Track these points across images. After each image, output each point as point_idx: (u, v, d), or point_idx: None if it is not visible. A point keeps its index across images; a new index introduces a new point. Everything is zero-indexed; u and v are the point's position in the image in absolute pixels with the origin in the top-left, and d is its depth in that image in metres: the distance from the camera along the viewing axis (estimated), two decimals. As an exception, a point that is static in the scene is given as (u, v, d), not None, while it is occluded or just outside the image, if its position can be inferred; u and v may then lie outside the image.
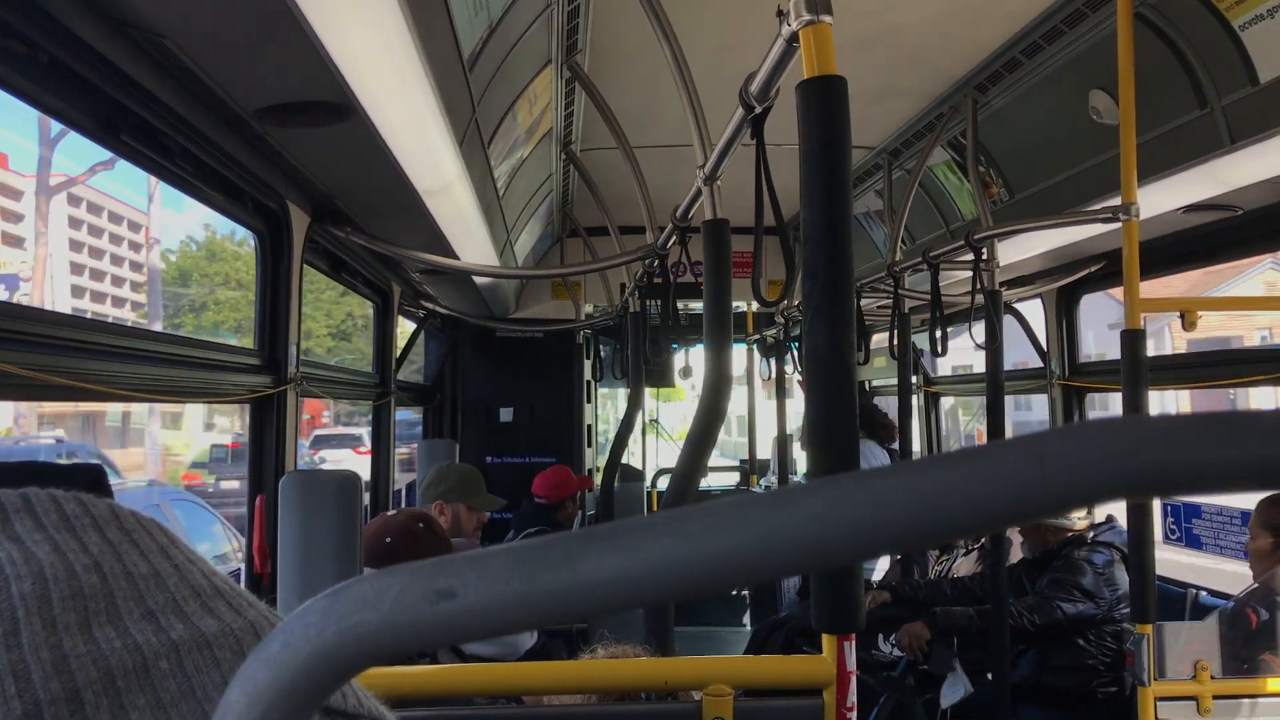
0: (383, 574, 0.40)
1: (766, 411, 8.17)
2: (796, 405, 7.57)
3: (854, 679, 1.44)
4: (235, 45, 1.87)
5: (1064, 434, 0.36)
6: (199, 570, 0.54)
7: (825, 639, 1.49)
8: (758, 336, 7.87)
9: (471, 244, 3.90)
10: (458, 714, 1.63)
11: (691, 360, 8.09)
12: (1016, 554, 4.53)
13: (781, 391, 7.16)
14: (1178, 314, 2.97)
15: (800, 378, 6.82)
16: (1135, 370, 2.81)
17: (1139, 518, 2.86)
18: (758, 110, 1.79)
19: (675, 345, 8.17)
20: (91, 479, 0.58)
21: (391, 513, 2.97)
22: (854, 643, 1.45)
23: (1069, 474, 0.35)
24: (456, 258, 3.90)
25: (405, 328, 5.70)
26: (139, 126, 2.07)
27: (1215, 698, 2.78)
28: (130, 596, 0.49)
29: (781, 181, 1.97)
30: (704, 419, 2.43)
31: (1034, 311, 5.18)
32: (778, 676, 1.57)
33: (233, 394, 2.74)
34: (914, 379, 5.99)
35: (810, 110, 1.43)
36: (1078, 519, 4.03)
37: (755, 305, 7.57)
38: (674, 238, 3.25)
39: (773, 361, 7.48)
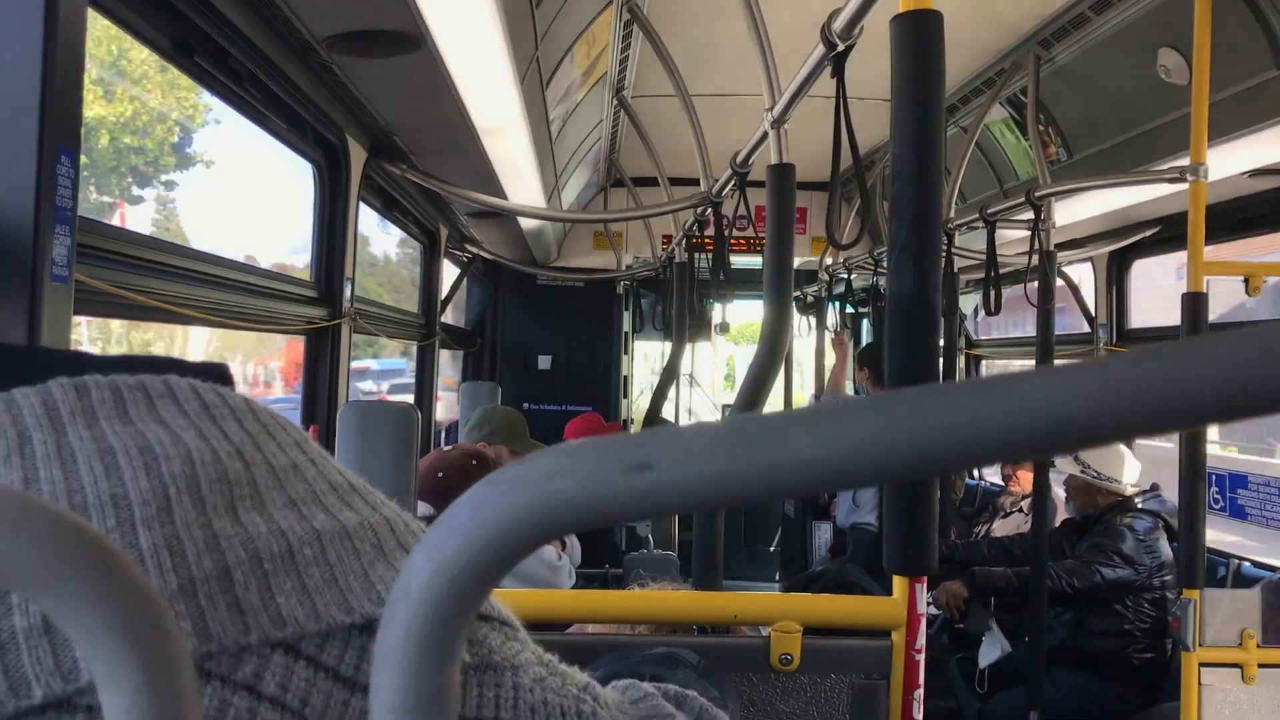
0: (574, 445, 0.39)
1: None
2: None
3: (924, 621, 1.44)
4: (312, -31, 1.86)
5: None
6: (333, 466, 0.55)
7: (896, 581, 1.49)
8: (798, 294, 7.83)
9: (522, 187, 3.89)
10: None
11: (727, 316, 8.05)
12: (1056, 518, 4.51)
13: (820, 349, 7.13)
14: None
15: (834, 337, 6.78)
16: (1196, 334, 2.77)
17: (1191, 481, 2.83)
18: (840, 48, 1.77)
19: (709, 300, 8.14)
20: (218, 374, 0.58)
21: (446, 448, 2.99)
22: (924, 586, 1.45)
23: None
24: (506, 200, 3.89)
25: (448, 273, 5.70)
26: (212, 49, 2.08)
27: (1260, 666, 2.76)
28: (272, 485, 0.50)
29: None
30: (760, 368, 2.42)
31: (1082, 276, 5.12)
32: (848, 615, 1.57)
33: (290, 324, 2.76)
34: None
35: (905, 45, 1.41)
36: (1129, 484, 4.00)
37: (796, 261, 7.50)
38: (728, 186, 3.22)
39: (812, 319, 7.44)
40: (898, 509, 1.41)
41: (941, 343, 4.80)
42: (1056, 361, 4.05)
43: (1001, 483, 5.31)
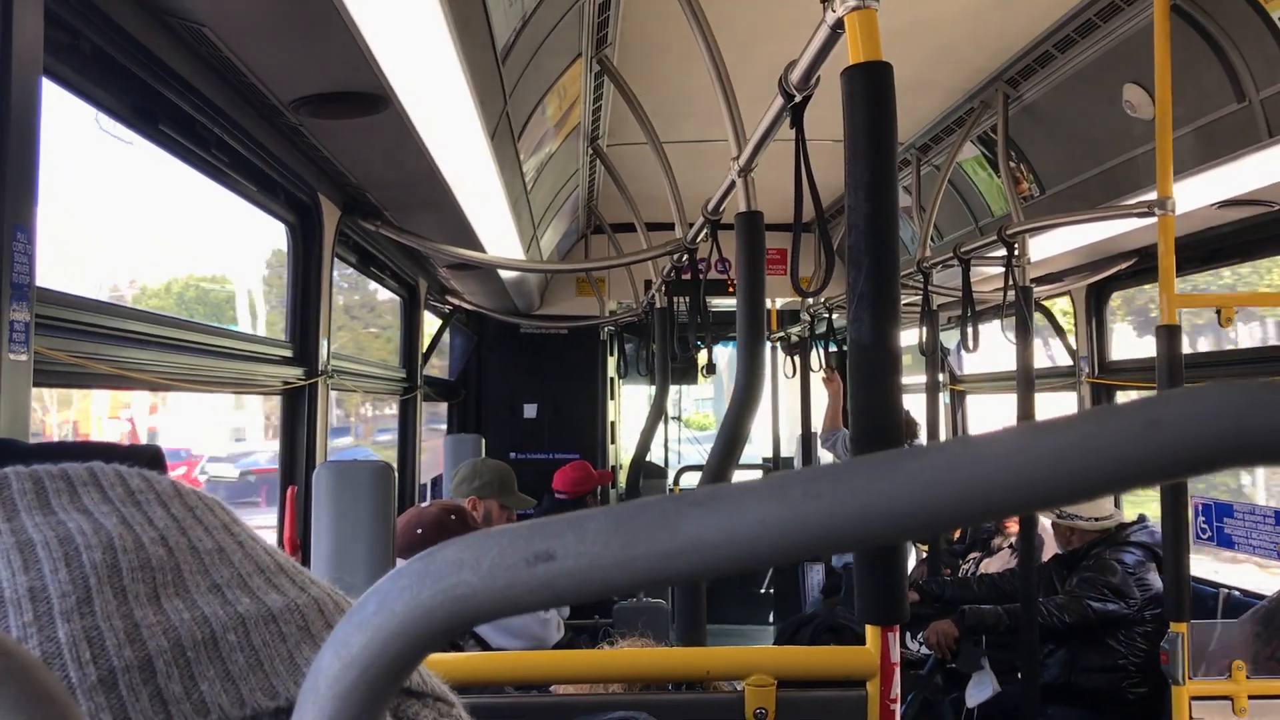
0: (478, 536, 0.39)
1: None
2: (818, 403, 7.53)
3: (898, 671, 1.43)
4: (273, 35, 1.87)
5: (1179, 398, 0.35)
6: (261, 547, 0.54)
7: (869, 630, 1.48)
8: (781, 334, 7.85)
9: (499, 239, 3.91)
10: (497, 703, 1.63)
11: (713, 357, 8.06)
12: (1047, 552, 4.50)
13: (806, 389, 7.14)
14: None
15: (825, 375, 6.80)
16: (1172, 367, 2.78)
17: (1174, 516, 2.83)
18: (798, 99, 1.79)
19: (699, 343, 8.14)
20: (149, 457, 0.58)
21: (424, 504, 2.98)
22: (898, 635, 1.44)
23: (1184, 438, 0.34)
24: (484, 252, 3.91)
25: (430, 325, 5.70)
26: (176, 116, 2.08)
27: (1251, 698, 2.75)
28: (196, 570, 0.50)
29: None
30: (736, 415, 2.42)
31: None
32: (821, 667, 1.56)
33: (266, 385, 2.75)
34: (940, 377, 5.95)
35: (856, 96, 1.42)
36: (1109, 518, 3.99)
37: (779, 302, 7.54)
38: (703, 232, 3.24)
39: (796, 359, 7.46)
40: (867, 558, 1.40)
41: (924, 380, 4.85)
42: (1038, 395, 4.06)
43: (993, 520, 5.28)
